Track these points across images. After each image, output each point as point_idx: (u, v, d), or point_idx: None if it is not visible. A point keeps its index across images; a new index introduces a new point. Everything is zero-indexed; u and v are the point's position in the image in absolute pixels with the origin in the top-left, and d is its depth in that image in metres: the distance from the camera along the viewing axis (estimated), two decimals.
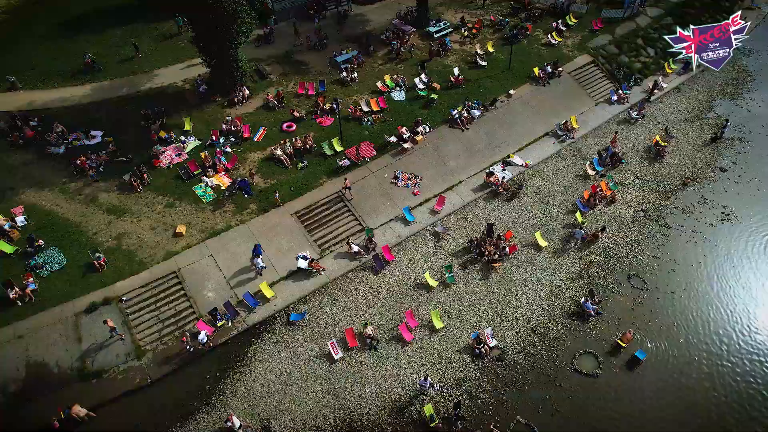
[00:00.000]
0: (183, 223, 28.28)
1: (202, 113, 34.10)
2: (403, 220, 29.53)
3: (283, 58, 38.18)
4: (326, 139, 32.26)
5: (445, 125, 33.82)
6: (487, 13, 42.79)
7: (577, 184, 32.11)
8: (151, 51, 38.68)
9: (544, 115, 35.62)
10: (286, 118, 33.65)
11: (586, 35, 40.85)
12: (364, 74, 36.99)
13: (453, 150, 32.82)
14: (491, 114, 34.90)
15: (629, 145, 34.62)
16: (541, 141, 34.46)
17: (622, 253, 28.58)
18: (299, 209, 29.30)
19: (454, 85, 36.08)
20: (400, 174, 31.19)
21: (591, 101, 37.24)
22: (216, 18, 27.63)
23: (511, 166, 32.76)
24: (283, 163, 30.92)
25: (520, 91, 36.38)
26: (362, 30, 40.73)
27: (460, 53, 39.03)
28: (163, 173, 30.53)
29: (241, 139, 32.39)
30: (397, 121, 33.60)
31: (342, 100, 34.51)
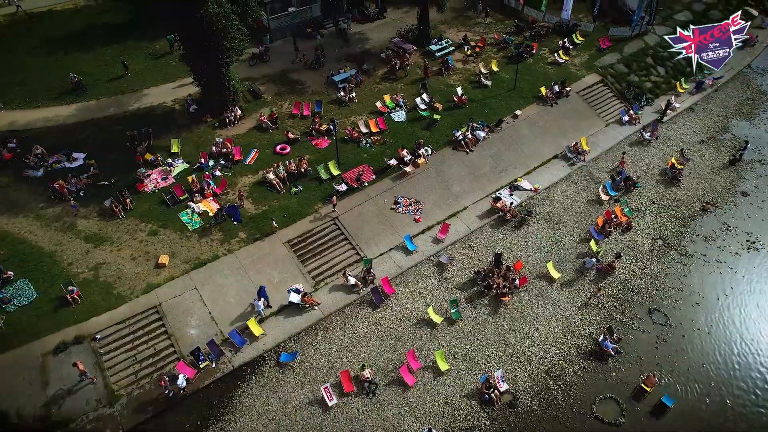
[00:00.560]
0: (166, 252, 26.18)
1: (191, 134, 32.29)
2: (404, 249, 27.42)
3: (278, 77, 36.59)
4: (322, 162, 30.38)
5: (449, 147, 31.98)
6: (491, 31, 41.38)
7: (590, 210, 30.09)
8: (141, 70, 37.12)
9: (553, 137, 33.82)
10: (279, 139, 31.84)
11: (594, 54, 39.36)
12: (363, 94, 35.33)
13: (457, 174, 30.89)
14: (497, 135, 33.08)
15: (643, 168, 32.73)
16: (550, 164, 32.55)
17: (641, 285, 26.41)
18: (292, 237, 27.23)
19: (457, 106, 34.37)
20: (400, 199, 29.21)
21: (601, 122, 35.49)
22: (204, 33, 25.91)
23: (519, 190, 30.79)
24: (276, 188, 28.95)
25: (526, 111, 34.65)
26: (361, 48, 39.26)
27: (463, 72, 37.46)
28: (148, 198, 28.54)
29: (232, 162, 30.50)
30: (398, 143, 31.78)
31: (339, 120, 32.68)
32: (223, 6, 25.47)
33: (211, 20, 25.02)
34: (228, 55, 29.01)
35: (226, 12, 25.57)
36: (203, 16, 24.67)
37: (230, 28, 26.57)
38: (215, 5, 24.93)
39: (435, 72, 37.17)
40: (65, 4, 43.23)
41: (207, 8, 24.52)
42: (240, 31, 27.61)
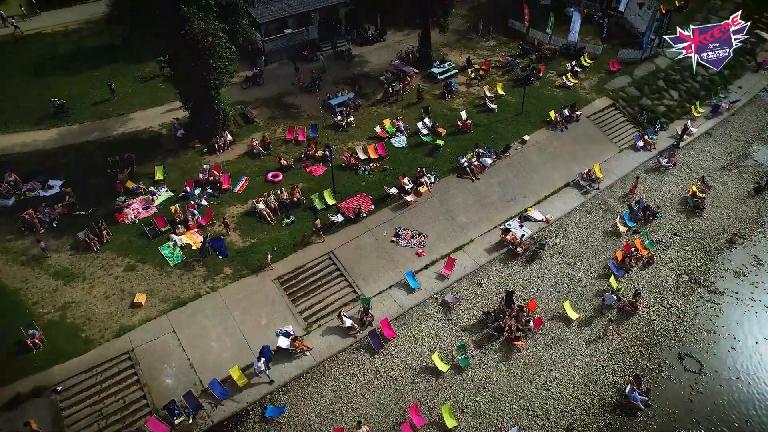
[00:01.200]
0: (143, 290, 23.72)
1: (177, 161, 30.19)
2: (405, 286, 24.94)
3: (272, 100, 34.72)
4: (317, 190, 28.16)
5: (453, 175, 29.81)
6: (495, 54, 39.75)
7: (608, 243, 27.71)
8: (128, 93, 35.31)
9: (564, 163, 31.68)
10: (271, 166, 29.69)
11: (604, 77, 37.61)
12: (362, 118, 33.38)
13: (462, 203, 28.62)
14: (504, 162, 30.95)
15: (661, 197, 30.48)
16: (563, 192, 30.31)
17: (668, 327, 23.86)
18: (282, 273, 24.79)
19: (461, 130, 32.36)
20: (401, 231, 26.87)
21: (614, 147, 33.42)
22: (190, 52, 23.97)
23: (530, 221, 28.47)
24: (266, 219, 26.65)
25: (535, 136, 32.62)
26: (360, 71, 37.54)
27: (466, 96, 35.61)
28: (127, 230, 26.23)
29: (220, 191, 28.29)
30: (398, 170, 29.63)
31: (335, 146, 30.66)
32: (210, 23, 23.61)
33: (197, 38, 23.10)
34: (216, 76, 27.05)
35: (213, 29, 23.70)
36: (188, 33, 22.76)
37: (218, 47, 24.62)
38: (201, 22, 23.07)
39: (438, 95, 35.33)
40: (54, 26, 41.80)
41: (192, 25, 22.65)
42: (228, 50, 25.68)
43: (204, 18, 23.26)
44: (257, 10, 36.15)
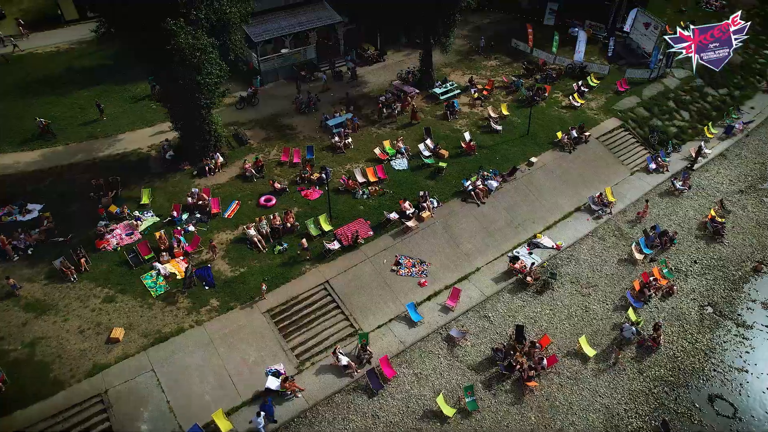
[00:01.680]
0: (122, 324, 21.79)
1: (165, 184, 28.55)
2: (406, 319, 23.00)
3: (267, 121, 33.30)
4: (312, 215, 26.44)
5: (457, 199, 28.14)
6: (498, 74, 38.56)
7: (623, 272, 25.86)
8: (118, 113, 33.93)
9: (573, 187, 30.05)
10: (264, 190, 28.05)
11: (612, 97, 36.30)
12: (360, 140, 31.90)
13: (467, 229, 26.87)
14: (511, 185, 29.31)
15: (678, 222, 28.75)
16: (573, 217, 28.60)
17: (694, 365, 21.83)
18: (273, 306, 22.88)
19: (465, 152, 30.83)
20: (402, 259, 25.04)
21: (625, 170, 31.83)
22: (178, 68, 22.52)
23: (539, 248, 26.68)
24: (257, 246, 24.86)
25: (542, 158, 31.08)
26: (359, 92, 36.25)
27: (470, 116, 34.21)
28: (107, 257, 24.41)
29: (209, 216, 26.58)
30: (399, 194, 27.98)
31: (332, 169, 29.07)
32: (199, 38, 22.22)
33: (184, 54, 21.69)
34: (207, 95, 25.59)
35: (201, 44, 22.31)
36: (174, 49, 21.36)
37: (207, 63, 23.16)
38: (189, 36, 21.68)
39: (440, 116, 33.95)
40: (45, 47, 40.78)
41: (179, 39, 21.25)
42: (219, 67, 24.23)
43: (191, 32, 21.88)
44: (253, 29, 35.08)
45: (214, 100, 27.50)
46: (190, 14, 22.00)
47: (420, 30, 34.25)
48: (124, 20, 22.00)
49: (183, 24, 21.47)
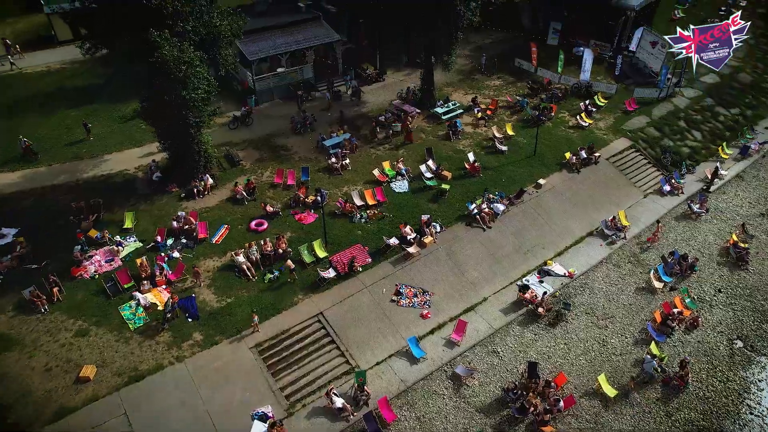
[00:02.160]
0: (94, 361, 19.82)
1: (151, 207, 26.87)
2: (408, 355, 20.99)
3: (261, 142, 31.81)
4: (306, 241, 24.66)
5: (461, 223, 26.40)
6: (502, 93, 37.28)
7: (642, 301, 23.94)
8: (106, 133, 32.52)
9: (584, 210, 28.36)
10: (256, 213, 26.33)
11: (620, 117, 34.92)
12: (358, 161, 30.34)
13: (473, 255, 25.04)
14: (518, 209, 27.60)
15: (698, 247, 26.94)
16: (585, 243, 26.81)
17: (728, 406, 19.69)
18: (262, 340, 20.90)
19: (469, 174, 29.22)
20: (403, 289, 23.15)
21: (638, 192, 30.17)
22: (162, 83, 21.04)
23: (551, 276, 24.82)
24: (246, 274, 23.01)
25: (551, 180, 29.45)
26: (358, 111, 34.89)
27: (473, 137, 32.74)
28: (84, 286, 22.57)
29: (195, 241, 24.80)
30: (399, 218, 26.25)
31: (328, 191, 27.43)
32: (184, 50, 20.79)
33: (168, 66, 20.24)
34: (195, 113, 24.09)
35: (188, 57, 20.88)
36: (158, 61, 19.93)
37: (193, 77, 21.67)
38: (173, 48, 20.26)
39: (442, 136, 32.49)
40: (36, 67, 39.69)
41: (163, 50, 19.84)
42: (206, 82, 22.72)
43: (177, 44, 20.48)
44: (248, 48, 33.94)
45: (204, 119, 26.04)
46: (177, 26, 20.65)
47: (421, 47, 33.18)
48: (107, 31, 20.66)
49: (168, 36, 20.09)
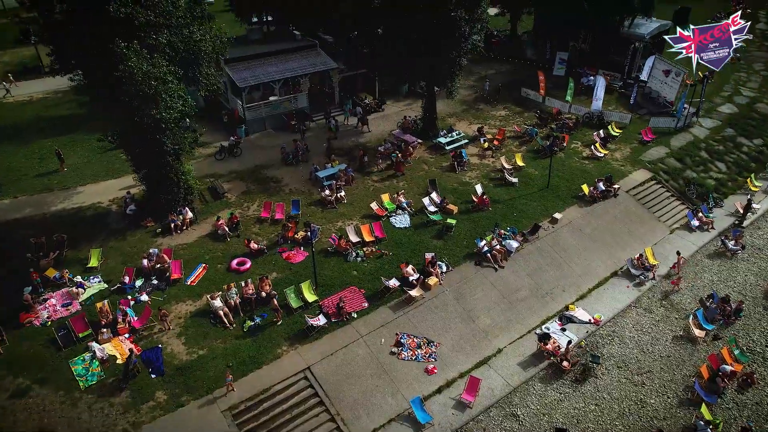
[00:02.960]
0: (29, 429, 16.38)
1: (122, 243, 24.01)
2: (411, 420, 17.58)
3: (249, 173, 29.26)
4: (293, 282, 21.62)
5: (470, 262, 23.43)
6: (509, 123, 35.05)
7: (682, 353, 20.67)
8: (82, 164, 30.13)
9: (606, 247, 25.45)
10: (239, 251, 23.41)
11: (637, 147, 32.51)
12: (355, 193, 27.67)
13: (484, 299, 21.95)
14: (533, 246, 24.69)
15: (737, 289, 23.87)
16: (610, 284, 23.76)
17: None
18: (237, 402, 17.56)
19: (477, 207, 26.48)
20: (404, 338, 19.95)
21: (664, 228, 27.34)
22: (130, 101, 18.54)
23: (574, 323, 21.65)
24: (223, 321, 19.86)
25: (567, 214, 26.69)
26: (355, 142, 32.53)
27: (480, 168, 30.20)
28: (32, 335, 19.43)
29: (168, 282, 21.77)
30: (400, 256, 23.33)
31: (321, 226, 24.64)
32: (157, 65, 18.40)
33: (136, 82, 17.79)
34: (173, 138, 21.55)
35: (159, 73, 18.47)
36: (125, 75, 17.50)
37: (165, 95, 19.13)
38: (142, 61, 17.86)
39: (446, 168, 29.97)
40: (17, 97, 37.80)
41: (129, 63, 17.44)
42: (182, 101, 20.18)
43: (147, 57, 18.11)
44: (238, 74, 31.92)
45: (184, 146, 23.55)
46: (149, 38, 18.38)
47: (422, 75, 31.19)
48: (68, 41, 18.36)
49: (137, 48, 17.75)
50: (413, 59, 28.79)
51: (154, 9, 18.30)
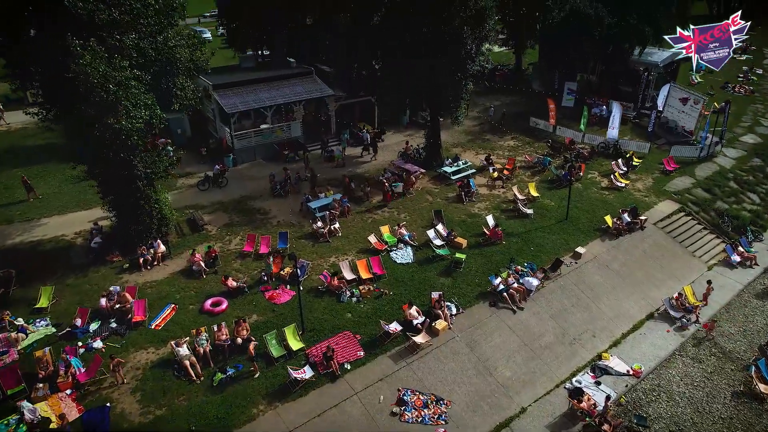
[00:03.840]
0: None
1: (82, 281, 20.87)
2: None
3: (233, 204, 26.44)
4: (276, 327, 18.29)
5: (484, 303, 20.16)
6: (519, 153, 32.54)
7: (748, 414, 17.04)
8: (52, 194, 27.53)
9: (638, 285, 22.24)
10: (214, 290, 20.20)
11: (660, 177, 29.82)
12: (351, 226, 24.73)
13: (502, 346, 18.53)
14: (555, 284, 21.47)
15: None
16: (647, 328, 20.39)
17: None
18: None
19: (489, 241, 23.45)
20: (408, 396, 16.41)
21: (700, 263, 24.19)
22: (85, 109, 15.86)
23: (610, 375, 18.13)
24: (189, 374, 16.42)
25: (591, 248, 23.61)
26: (352, 172, 29.89)
27: (489, 199, 27.37)
28: None
29: (128, 326, 18.46)
30: (402, 296, 20.11)
31: (311, 262, 21.55)
32: (116, 65, 15.76)
33: (91, 85, 15.13)
34: (141, 159, 18.81)
35: (121, 76, 15.85)
36: (78, 77, 14.89)
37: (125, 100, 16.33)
38: (99, 61, 15.28)
39: (452, 199, 27.16)
40: None
41: (83, 62, 14.84)
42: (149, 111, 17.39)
43: (105, 57, 15.54)
44: (226, 100, 29.70)
45: (157, 169, 20.79)
46: (112, 37, 15.93)
47: (424, 102, 29.02)
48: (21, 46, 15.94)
49: (95, 46, 15.26)
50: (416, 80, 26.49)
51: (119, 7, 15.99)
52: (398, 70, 25.63)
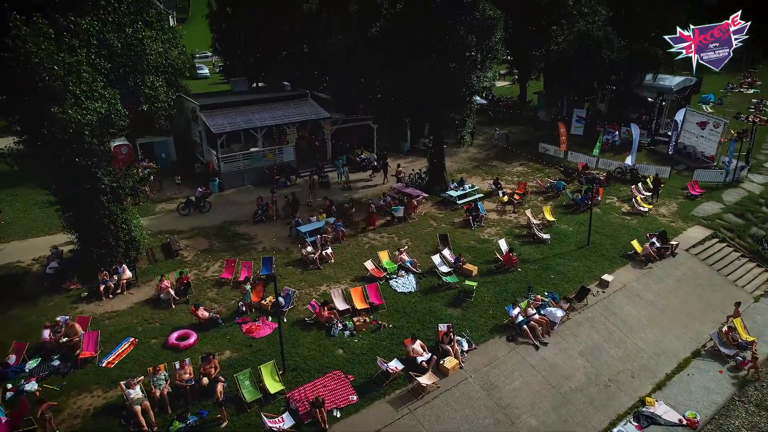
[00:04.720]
0: None
1: (28, 311, 17.91)
2: None
3: (214, 230, 23.76)
4: (252, 364, 15.16)
5: (500, 337, 17.07)
6: (529, 179, 30.14)
7: None
8: (16, 219, 25.08)
9: (677, 318, 19.21)
10: (183, 321, 17.19)
11: (684, 202, 27.31)
12: (346, 251, 21.95)
13: (524, 390, 15.31)
14: (582, 316, 18.44)
15: None
16: (694, 368, 17.20)
17: None
18: None
19: (502, 267, 20.58)
20: None
21: (744, 294, 21.20)
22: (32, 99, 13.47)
23: (658, 425, 14.85)
24: (140, 423, 13.17)
25: (619, 276, 20.70)
26: (348, 197, 27.39)
27: (500, 224, 24.70)
28: None
29: (74, 363, 15.34)
30: (404, 329, 17.06)
31: (300, 290, 18.64)
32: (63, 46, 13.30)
33: (33, 66, 12.72)
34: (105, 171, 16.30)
35: (71, 60, 13.45)
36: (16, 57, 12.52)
37: (72, 86, 13.79)
38: (41, 37, 12.91)
39: (459, 224, 24.51)
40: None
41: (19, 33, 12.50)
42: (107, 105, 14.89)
43: (52, 37, 13.23)
44: (213, 120, 27.63)
45: (125, 183, 18.26)
46: (66, 17, 13.77)
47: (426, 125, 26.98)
48: None
49: (42, 24, 13.04)
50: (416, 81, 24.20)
51: None
52: (398, 71, 23.53)
